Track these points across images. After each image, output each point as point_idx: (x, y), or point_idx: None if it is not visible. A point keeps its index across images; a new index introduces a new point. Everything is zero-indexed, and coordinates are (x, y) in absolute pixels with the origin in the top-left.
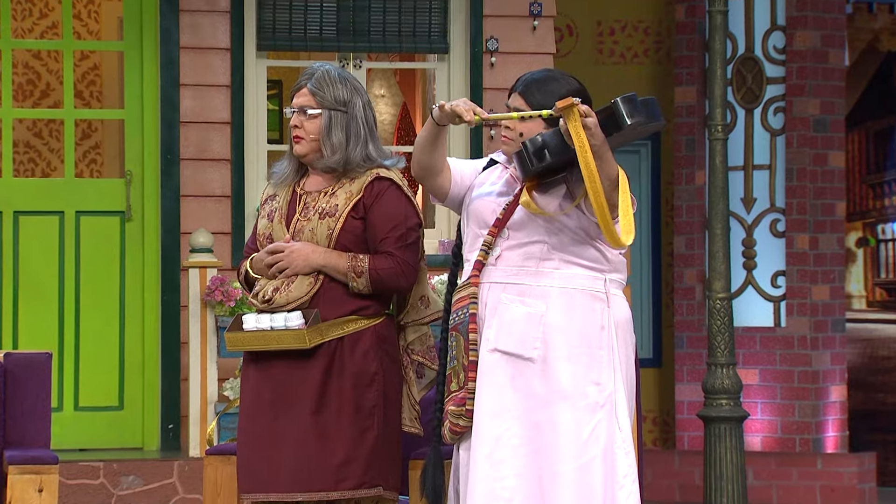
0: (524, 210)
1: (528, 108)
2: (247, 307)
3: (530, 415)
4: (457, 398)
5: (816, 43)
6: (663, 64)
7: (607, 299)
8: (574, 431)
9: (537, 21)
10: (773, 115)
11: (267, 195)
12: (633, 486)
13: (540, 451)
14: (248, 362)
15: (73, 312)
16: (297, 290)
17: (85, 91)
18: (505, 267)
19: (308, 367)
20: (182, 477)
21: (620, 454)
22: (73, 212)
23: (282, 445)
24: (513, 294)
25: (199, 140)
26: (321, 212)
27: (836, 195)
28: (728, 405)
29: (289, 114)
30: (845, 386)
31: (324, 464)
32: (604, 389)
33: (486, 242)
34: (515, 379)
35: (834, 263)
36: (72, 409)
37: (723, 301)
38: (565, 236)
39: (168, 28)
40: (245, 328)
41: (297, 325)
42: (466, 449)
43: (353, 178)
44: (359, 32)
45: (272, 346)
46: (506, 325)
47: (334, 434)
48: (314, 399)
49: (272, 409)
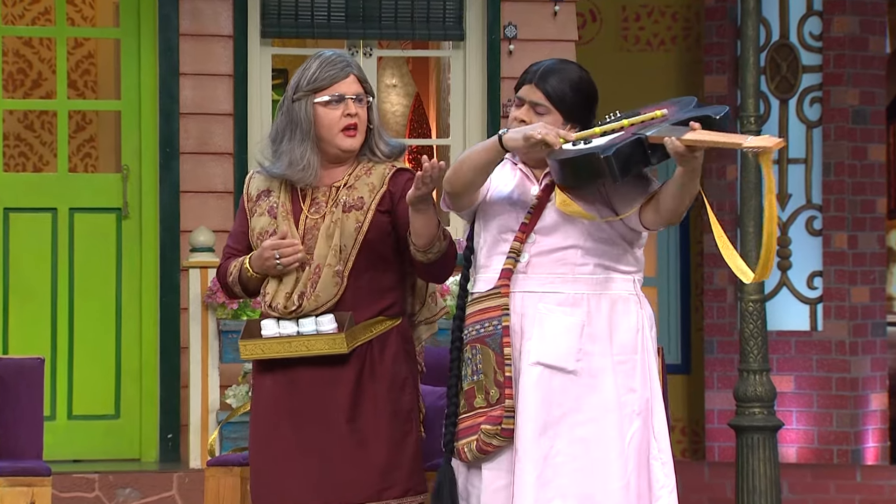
0: (556, 213)
1: (545, 100)
2: (251, 310)
3: (575, 431)
4: (491, 416)
5: (855, 29)
6: (692, 51)
7: (640, 300)
8: (619, 446)
9: (558, 6)
10: (809, 105)
11: (258, 190)
12: (670, 496)
13: (585, 469)
14: (262, 371)
15: (66, 315)
16: (324, 293)
17: (79, 81)
18: (538, 275)
19: (339, 372)
20: (182, 489)
21: (657, 464)
22: (66, 209)
23: (312, 456)
24: (551, 304)
25: (199, 133)
26: (345, 205)
27: (876, 191)
28: (761, 414)
29: (331, 103)
30: (886, 394)
31: (366, 472)
32: (640, 396)
33: (513, 249)
34: (559, 394)
35: (874, 263)
36: (65, 418)
37: (756, 303)
38: (599, 240)
39: (167, 14)
40: (265, 335)
41: (331, 330)
42: (494, 469)
43: (368, 170)
44: (369, 18)
45: (301, 353)
46: (548, 337)
47: (373, 441)
48: (348, 406)
49: (297, 419)
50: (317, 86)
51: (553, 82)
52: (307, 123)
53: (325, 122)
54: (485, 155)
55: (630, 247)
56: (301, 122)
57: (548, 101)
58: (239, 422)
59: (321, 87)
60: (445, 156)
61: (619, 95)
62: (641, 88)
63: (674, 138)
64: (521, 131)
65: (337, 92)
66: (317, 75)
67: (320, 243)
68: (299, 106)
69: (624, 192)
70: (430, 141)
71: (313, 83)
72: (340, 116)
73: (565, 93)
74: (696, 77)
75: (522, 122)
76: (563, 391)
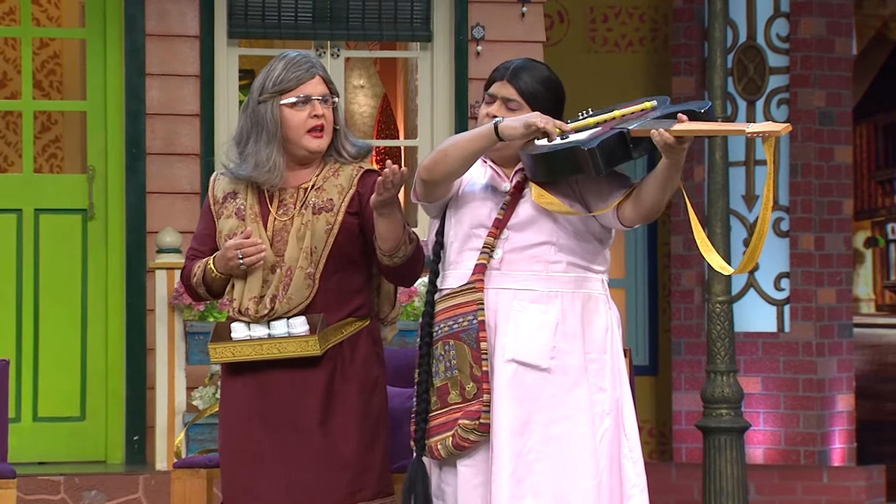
0: (529, 209)
1: (518, 96)
2: (218, 312)
3: (549, 428)
4: (468, 411)
5: (822, 31)
6: (660, 53)
7: (608, 300)
8: (591, 444)
9: (526, 7)
10: (776, 107)
11: (224, 192)
12: (641, 495)
13: (558, 467)
14: (231, 374)
15: (31, 317)
16: (296, 295)
17: (44, 81)
18: (512, 271)
19: (310, 375)
20: (148, 491)
21: (628, 463)
22: (31, 210)
23: (284, 460)
24: (525, 301)
25: (166, 133)
26: (315, 207)
27: (843, 192)
28: (728, 415)
29: (298, 104)
30: (853, 395)
31: (338, 475)
32: (609, 396)
33: (486, 244)
34: (533, 390)
35: (841, 265)
36: (30, 420)
37: (723, 305)
38: (572, 237)
39: (133, 14)
40: (235, 337)
41: (303, 332)
42: (469, 465)
43: (335, 172)
44: (336, 19)
45: (272, 355)
46: (522, 335)
47: (345, 443)
48: (320, 409)
49: (268, 421)
50: (283, 87)
51: (525, 78)
52: (273, 125)
53: (291, 123)
54: (475, 143)
55: (601, 245)
56: (267, 124)
57: (520, 96)
58: (205, 423)
59: (287, 88)
60: (413, 157)
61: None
62: (609, 89)
63: (661, 129)
64: (521, 119)
65: (303, 93)
66: (282, 76)
67: (291, 245)
68: (265, 108)
69: (598, 189)
70: (397, 142)
71: (279, 84)
72: (307, 118)
73: (537, 89)
74: (664, 78)
75: (488, 119)
76: (537, 389)
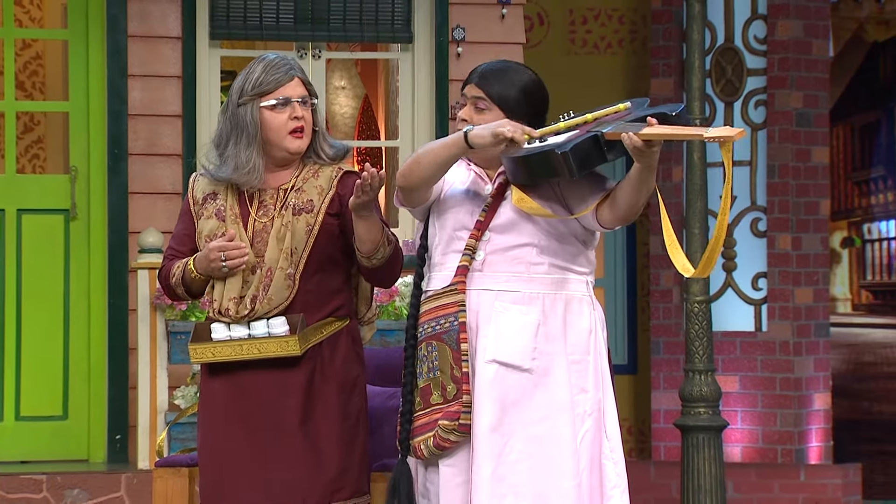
0: (511, 211)
1: (486, 97)
2: (199, 311)
3: (529, 429)
4: (449, 412)
5: (799, 33)
6: (639, 54)
7: (592, 302)
8: (571, 445)
9: (506, 9)
10: (753, 108)
11: (204, 193)
12: (621, 496)
13: (538, 467)
14: (211, 374)
15: (14, 316)
16: (277, 296)
17: (27, 82)
18: (494, 273)
19: (290, 375)
20: (130, 490)
21: (609, 464)
22: (14, 210)
23: (265, 460)
24: (506, 302)
25: (148, 134)
26: (294, 208)
27: (819, 193)
28: (706, 414)
29: (278, 106)
30: (829, 394)
31: (318, 476)
32: (592, 397)
33: (468, 246)
34: (514, 391)
35: (817, 265)
36: (13, 419)
37: (701, 304)
38: (554, 238)
39: (115, 15)
40: (215, 338)
41: (283, 332)
42: (451, 465)
43: (315, 173)
44: (318, 20)
45: (253, 356)
46: (503, 335)
47: (325, 444)
48: (300, 409)
49: (248, 422)
50: (262, 90)
51: (494, 81)
52: (253, 127)
53: (272, 125)
54: (447, 151)
55: (584, 247)
56: (247, 127)
57: (489, 98)
58: (187, 423)
59: (267, 90)
60: (394, 157)
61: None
62: (589, 91)
63: (631, 133)
64: (489, 128)
65: (282, 95)
66: (262, 79)
67: (271, 246)
68: (244, 110)
69: (579, 191)
70: (378, 143)
71: (258, 87)
72: (287, 119)
73: (507, 91)
74: (643, 80)
75: (464, 122)
76: (518, 389)
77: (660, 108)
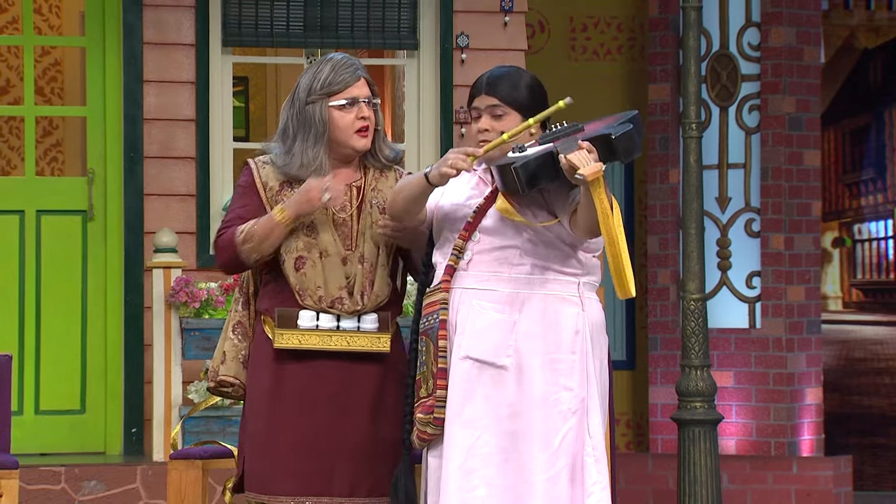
0: (497, 213)
1: (502, 104)
2: (212, 309)
3: (503, 424)
4: (425, 405)
5: (791, 40)
6: (637, 61)
7: (581, 303)
8: (547, 441)
9: (508, 17)
10: (747, 112)
11: (279, 181)
12: (602, 493)
13: (512, 461)
14: (281, 360)
15: (33, 314)
16: (381, 292)
17: (46, 87)
18: (477, 272)
19: (359, 368)
20: (145, 482)
21: (590, 461)
22: (33, 211)
23: (331, 449)
24: (486, 301)
25: (163, 138)
26: (379, 207)
27: (811, 194)
28: (702, 408)
29: (346, 106)
30: (821, 388)
31: (384, 468)
32: (576, 395)
33: (456, 246)
34: (488, 387)
35: (809, 264)
36: (32, 413)
37: (697, 302)
38: (539, 242)
39: (131, 23)
40: (302, 325)
41: (373, 328)
42: (437, 456)
43: (382, 173)
44: (326, 28)
45: (341, 347)
46: (478, 333)
47: (389, 437)
48: (372, 403)
49: (321, 410)
50: (331, 90)
51: (501, 86)
52: (322, 126)
53: (340, 124)
54: (416, 189)
55: (573, 250)
56: (316, 125)
57: (502, 103)
58: (201, 416)
59: (335, 91)
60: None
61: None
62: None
63: (563, 156)
64: (439, 167)
65: (350, 95)
66: (330, 79)
67: (368, 243)
68: (313, 109)
69: (561, 199)
70: None
71: (327, 87)
72: (354, 119)
73: (516, 91)
74: (641, 85)
75: (485, 132)
76: (492, 385)
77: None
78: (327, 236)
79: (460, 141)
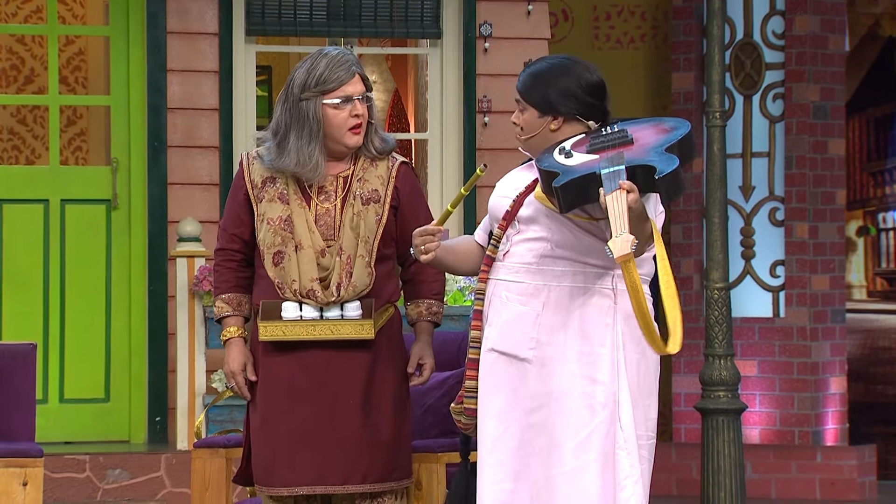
0: (534, 203)
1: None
2: None
3: (528, 417)
4: (459, 396)
5: (816, 28)
6: (660, 49)
7: (614, 296)
8: (572, 433)
9: (532, 5)
10: (772, 101)
11: (262, 177)
12: (634, 486)
13: (536, 454)
14: (272, 351)
15: (58, 303)
16: (360, 282)
17: (70, 77)
18: (511, 264)
19: (351, 357)
20: (169, 470)
21: (622, 454)
22: (57, 200)
23: (323, 439)
24: (512, 293)
25: (186, 127)
26: (363, 198)
27: (835, 183)
28: (726, 397)
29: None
30: (845, 377)
31: (377, 455)
32: (607, 389)
33: (495, 237)
34: (514, 380)
35: (834, 253)
36: (57, 402)
37: (721, 291)
38: (571, 235)
39: (155, 12)
40: (286, 317)
41: (356, 316)
42: None
43: (372, 163)
44: (350, 17)
45: (325, 336)
46: (503, 325)
47: (384, 426)
48: (362, 391)
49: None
50: (325, 87)
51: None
52: (316, 123)
53: (334, 122)
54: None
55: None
56: (310, 122)
57: (521, 99)
58: (224, 405)
59: (330, 88)
60: (423, 149)
61: None
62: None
63: (602, 196)
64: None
65: (345, 93)
66: (325, 76)
67: (347, 234)
68: (307, 105)
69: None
70: (408, 135)
71: (322, 84)
72: (348, 116)
73: (524, 83)
74: (664, 74)
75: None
76: (517, 378)
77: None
78: (303, 230)
79: (482, 129)
